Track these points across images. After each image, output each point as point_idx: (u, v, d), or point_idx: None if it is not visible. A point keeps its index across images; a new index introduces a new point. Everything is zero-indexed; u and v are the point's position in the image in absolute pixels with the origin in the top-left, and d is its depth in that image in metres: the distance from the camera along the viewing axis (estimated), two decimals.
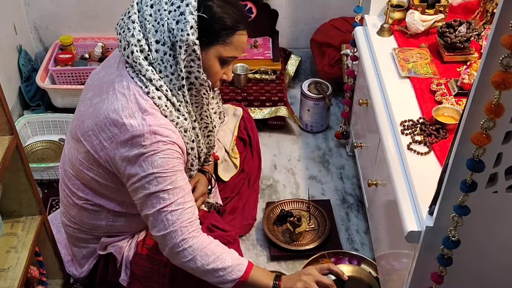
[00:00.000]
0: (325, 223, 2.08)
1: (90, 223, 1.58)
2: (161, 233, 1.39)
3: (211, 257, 1.41)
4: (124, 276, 1.60)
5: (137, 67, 1.36)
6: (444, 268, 1.24)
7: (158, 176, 1.36)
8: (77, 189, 1.54)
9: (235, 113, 2.03)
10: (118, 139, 1.35)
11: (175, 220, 1.38)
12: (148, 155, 1.34)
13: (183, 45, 1.32)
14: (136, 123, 1.34)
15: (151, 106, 1.36)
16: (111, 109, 1.36)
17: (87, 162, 1.46)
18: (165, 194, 1.37)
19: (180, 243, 1.39)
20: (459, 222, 1.15)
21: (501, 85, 0.93)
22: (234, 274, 1.42)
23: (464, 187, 1.10)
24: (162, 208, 1.37)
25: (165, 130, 1.36)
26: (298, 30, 2.84)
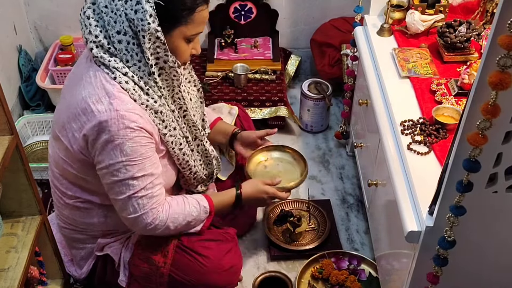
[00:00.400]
0: (325, 223, 2.08)
1: (83, 221, 1.59)
2: (131, 216, 1.44)
3: (180, 218, 1.51)
4: (123, 277, 1.60)
5: (101, 60, 1.37)
6: (439, 268, 1.24)
7: (127, 164, 1.37)
8: (66, 188, 1.55)
9: (230, 112, 2.04)
10: (86, 127, 1.36)
11: (145, 203, 1.43)
12: (117, 143, 1.35)
13: (146, 34, 1.32)
14: (103, 108, 1.34)
15: (119, 90, 1.36)
16: (79, 98, 1.37)
17: (68, 159, 1.47)
18: (134, 181, 1.40)
19: (151, 221, 1.45)
20: (455, 222, 1.15)
21: (498, 86, 0.93)
22: (203, 217, 1.56)
23: (460, 187, 1.10)
24: (132, 195, 1.41)
25: (132, 115, 1.35)
26: (298, 30, 2.84)
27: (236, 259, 1.65)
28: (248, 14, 2.72)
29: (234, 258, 1.63)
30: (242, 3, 2.69)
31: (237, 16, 2.73)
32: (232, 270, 1.62)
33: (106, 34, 1.36)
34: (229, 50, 2.73)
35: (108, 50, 1.36)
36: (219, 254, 1.59)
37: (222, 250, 1.61)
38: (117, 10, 1.33)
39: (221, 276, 1.59)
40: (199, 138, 1.66)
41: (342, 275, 1.87)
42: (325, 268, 1.90)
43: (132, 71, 1.38)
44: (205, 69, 2.64)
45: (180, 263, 1.57)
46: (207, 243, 1.60)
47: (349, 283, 1.85)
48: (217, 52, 2.72)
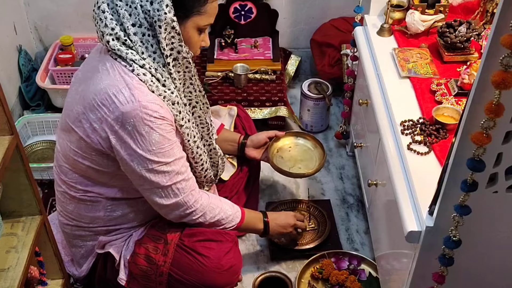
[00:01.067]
0: (325, 223, 2.08)
1: (88, 215, 1.59)
2: (173, 201, 1.50)
3: (216, 210, 1.60)
4: (123, 275, 1.61)
5: (117, 53, 1.38)
6: (445, 268, 1.24)
7: (158, 152, 1.40)
8: (75, 182, 1.55)
9: (229, 113, 2.04)
10: (108, 118, 1.37)
11: (184, 187, 1.49)
12: (144, 133, 1.37)
13: (162, 24, 1.35)
14: (125, 99, 1.35)
15: (137, 82, 1.38)
16: (98, 89, 1.38)
17: (80, 150, 1.47)
18: (168, 167, 1.44)
19: (193, 204, 1.53)
20: (460, 222, 1.16)
21: (501, 85, 0.93)
22: (233, 221, 1.65)
23: (465, 186, 1.10)
24: (170, 181, 1.45)
25: (154, 105, 1.37)
26: (298, 30, 2.84)
27: (236, 259, 1.65)
28: (248, 14, 2.72)
29: (234, 258, 1.63)
30: (242, 3, 2.69)
31: (237, 16, 2.73)
32: (231, 270, 1.62)
33: (121, 27, 1.37)
34: (229, 50, 2.73)
35: (124, 43, 1.38)
36: (219, 254, 1.59)
37: (222, 250, 1.61)
38: (132, 3, 1.35)
39: (220, 276, 1.59)
40: (205, 138, 1.67)
41: (342, 275, 1.87)
42: (325, 268, 1.90)
43: (148, 62, 1.39)
44: (205, 69, 2.64)
45: (180, 262, 1.57)
46: (208, 243, 1.60)
47: (349, 283, 1.85)
48: (217, 52, 2.72)
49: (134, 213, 1.61)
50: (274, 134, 1.95)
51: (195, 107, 1.60)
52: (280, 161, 1.96)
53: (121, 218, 1.60)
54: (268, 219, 1.76)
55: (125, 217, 1.60)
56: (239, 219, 1.66)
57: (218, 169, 1.77)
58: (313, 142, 2.01)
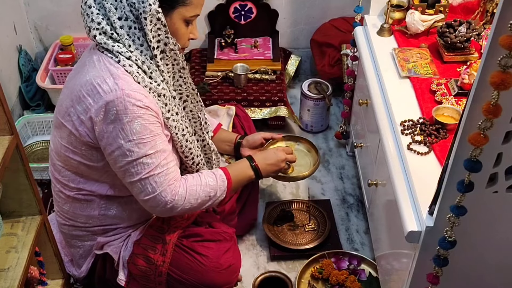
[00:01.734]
0: (325, 223, 2.08)
1: (83, 214, 1.59)
2: (150, 196, 1.44)
3: (198, 188, 1.51)
4: (122, 275, 1.61)
5: (104, 46, 1.39)
6: (440, 269, 1.24)
7: (138, 142, 1.38)
8: (68, 180, 1.55)
9: (228, 113, 2.04)
10: (92, 109, 1.37)
11: (162, 181, 1.44)
12: (125, 122, 1.36)
13: (147, 16, 1.35)
14: (108, 87, 1.36)
15: (123, 72, 1.38)
16: (83, 81, 1.39)
17: (71, 145, 1.47)
18: (148, 159, 1.41)
19: (171, 198, 1.46)
20: (455, 223, 1.15)
21: (500, 86, 0.93)
22: (222, 187, 1.56)
23: (461, 187, 1.10)
24: (148, 173, 1.42)
25: (138, 94, 1.37)
26: (298, 30, 2.84)
27: (235, 259, 1.65)
28: (248, 14, 2.72)
29: (233, 258, 1.64)
30: (242, 3, 2.69)
31: (237, 16, 2.73)
32: (230, 269, 1.62)
33: (108, 21, 1.38)
34: (229, 50, 2.73)
35: (111, 36, 1.39)
36: (218, 253, 1.60)
37: (221, 249, 1.61)
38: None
39: (219, 275, 1.59)
40: (198, 133, 1.67)
41: (342, 275, 1.87)
42: (325, 268, 1.90)
43: (135, 55, 1.40)
44: (205, 69, 2.64)
45: (178, 262, 1.57)
46: (206, 243, 1.61)
47: (349, 283, 1.85)
48: (217, 52, 2.72)
49: (128, 212, 1.60)
50: (270, 136, 1.92)
51: (186, 101, 1.60)
52: None
53: (116, 217, 1.60)
54: (256, 162, 1.69)
55: (119, 216, 1.60)
56: (225, 182, 1.57)
57: (213, 165, 1.76)
58: (308, 146, 1.99)
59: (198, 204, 1.53)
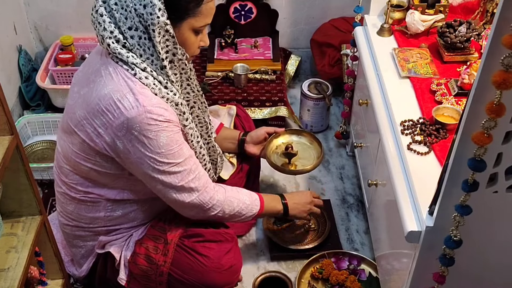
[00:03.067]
0: (325, 223, 2.08)
1: (88, 216, 1.59)
2: (188, 200, 1.50)
3: (234, 203, 1.59)
4: (123, 275, 1.61)
5: (119, 56, 1.38)
6: (446, 268, 1.24)
7: (167, 154, 1.41)
8: (76, 183, 1.55)
9: (229, 112, 2.04)
10: (113, 124, 1.37)
11: (197, 185, 1.49)
12: (151, 137, 1.37)
13: (156, 28, 1.34)
14: (130, 104, 1.35)
15: (141, 86, 1.38)
16: (102, 94, 1.38)
17: (83, 152, 1.47)
18: (180, 167, 1.44)
19: (209, 201, 1.53)
20: (460, 222, 1.16)
21: (502, 85, 0.93)
22: (253, 210, 1.65)
23: (466, 186, 1.10)
24: (183, 180, 1.45)
25: (159, 109, 1.38)
26: (298, 30, 2.84)
27: (236, 259, 1.65)
28: (248, 14, 2.72)
29: (234, 258, 1.64)
30: (242, 3, 2.69)
31: (237, 16, 2.73)
32: (231, 270, 1.62)
33: (119, 30, 1.37)
34: (229, 50, 2.73)
35: (124, 45, 1.38)
36: (219, 254, 1.60)
37: (222, 250, 1.61)
38: (127, 7, 1.34)
39: (220, 276, 1.59)
40: (203, 137, 1.68)
41: (342, 275, 1.87)
42: (325, 268, 1.90)
43: (148, 65, 1.40)
44: (205, 69, 2.64)
45: (180, 262, 1.58)
46: (207, 243, 1.61)
47: (349, 283, 1.85)
48: (217, 52, 2.72)
49: (135, 213, 1.61)
50: (274, 130, 1.95)
51: (193, 107, 1.60)
52: (277, 158, 1.96)
53: (122, 218, 1.60)
54: (286, 201, 1.76)
55: (125, 217, 1.60)
56: (258, 207, 1.65)
57: (217, 166, 1.77)
58: (311, 140, 2.01)
59: (229, 216, 1.60)
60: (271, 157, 1.93)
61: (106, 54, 1.43)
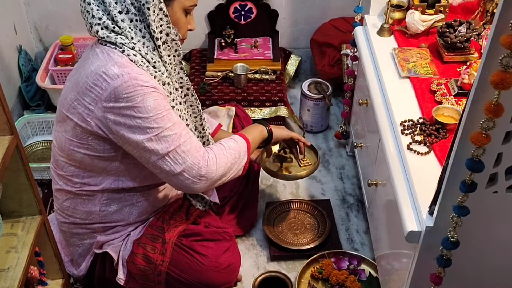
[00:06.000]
0: (325, 223, 2.08)
1: (84, 210, 1.59)
2: (182, 167, 1.44)
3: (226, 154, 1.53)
4: (121, 275, 1.61)
5: (107, 39, 1.40)
6: (443, 269, 1.24)
7: (156, 118, 1.39)
8: (72, 175, 1.55)
9: (228, 113, 2.04)
10: (102, 97, 1.37)
11: (189, 149, 1.45)
12: (138, 102, 1.36)
13: (150, 7, 1.37)
14: (115, 73, 1.36)
15: (127, 61, 1.39)
16: (88, 71, 1.40)
17: (76, 137, 1.47)
18: (169, 131, 1.41)
19: (204, 164, 1.47)
20: (458, 223, 1.15)
21: (500, 85, 0.93)
22: (244, 147, 1.59)
23: (464, 187, 1.10)
24: (173, 144, 1.42)
25: (144, 77, 1.38)
26: (298, 30, 2.84)
27: (234, 258, 1.65)
28: (248, 14, 2.72)
29: (232, 257, 1.64)
30: (242, 3, 2.69)
31: (237, 16, 2.73)
32: (230, 269, 1.62)
33: (108, 16, 1.39)
34: (229, 50, 2.73)
35: (113, 30, 1.39)
36: (217, 252, 1.60)
37: (220, 248, 1.61)
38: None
39: (218, 275, 1.59)
40: (198, 129, 1.66)
41: (342, 275, 1.87)
42: (325, 268, 1.90)
43: (138, 46, 1.41)
44: (205, 69, 2.64)
45: (178, 261, 1.58)
46: (205, 242, 1.61)
47: (349, 283, 1.85)
48: (217, 52, 2.72)
49: (129, 208, 1.60)
50: None
51: (187, 94, 1.60)
52: (271, 164, 1.92)
53: (117, 213, 1.59)
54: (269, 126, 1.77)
55: (120, 212, 1.60)
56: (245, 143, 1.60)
57: None
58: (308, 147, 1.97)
59: (228, 169, 1.53)
60: (265, 163, 1.91)
61: (95, 42, 1.45)
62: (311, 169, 1.90)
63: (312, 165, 1.91)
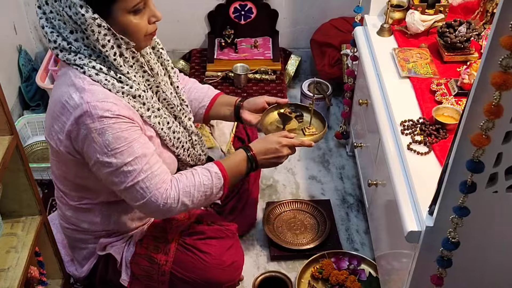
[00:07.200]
0: (325, 223, 2.08)
1: (86, 221, 1.59)
2: (141, 202, 1.41)
3: (191, 189, 1.45)
4: (125, 276, 1.61)
5: (67, 61, 1.36)
6: (444, 270, 1.24)
7: (114, 153, 1.35)
8: (68, 189, 1.55)
9: None
10: (66, 127, 1.35)
11: (148, 186, 1.40)
12: (97, 135, 1.33)
13: (87, 27, 1.29)
14: (75, 102, 1.32)
15: (89, 82, 1.34)
16: (54, 99, 1.38)
17: (60, 161, 1.47)
18: (129, 166, 1.37)
19: (163, 202, 1.42)
20: (458, 223, 1.15)
21: (502, 86, 0.93)
22: (218, 185, 1.49)
23: (464, 188, 1.10)
24: (132, 180, 1.38)
25: (105, 104, 1.33)
26: (298, 30, 2.84)
27: (238, 255, 1.65)
28: (248, 14, 2.72)
29: (236, 254, 1.64)
30: (242, 3, 2.69)
31: (237, 16, 2.73)
32: (234, 266, 1.62)
33: (62, 37, 1.34)
34: (229, 50, 2.73)
35: (70, 50, 1.35)
36: (221, 250, 1.60)
37: (223, 246, 1.61)
38: (58, 12, 1.32)
39: (222, 273, 1.59)
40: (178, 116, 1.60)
41: (342, 275, 1.87)
42: (325, 268, 1.90)
43: (98, 63, 1.36)
44: (205, 69, 2.64)
45: (181, 260, 1.58)
46: (209, 241, 1.61)
47: (349, 283, 1.85)
48: (217, 52, 2.72)
49: (130, 215, 1.60)
50: (275, 100, 1.74)
51: (158, 91, 1.52)
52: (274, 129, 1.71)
53: (118, 222, 1.60)
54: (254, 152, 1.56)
55: (121, 221, 1.60)
56: (221, 180, 1.49)
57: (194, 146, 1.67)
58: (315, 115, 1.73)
59: (194, 204, 1.48)
60: (268, 127, 1.71)
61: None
62: (316, 137, 1.66)
63: (320, 132, 1.68)
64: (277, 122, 1.71)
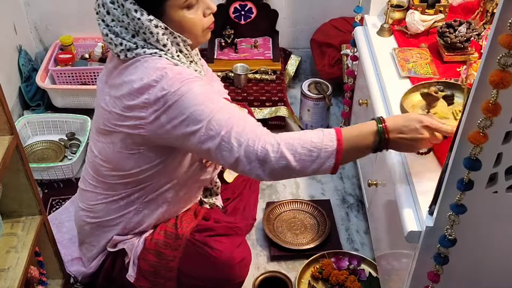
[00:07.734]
0: (325, 223, 2.08)
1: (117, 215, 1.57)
2: (241, 151, 1.27)
3: (295, 142, 1.26)
4: (132, 272, 1.60)
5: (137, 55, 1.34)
6: (440, 267, 1.24)
7: (205, 100, 1.28)
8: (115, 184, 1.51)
9: None
10: (150, 101, 1.30)
11: (242, 129, 1.28)
12: (186, 90, 1.28)
13: (146, 31, 1.31)
14: (157, 76, 1.29)
15: (166, 62, 1.33)
16: (131, 86, 1.32)
17: (126, 149, 1.42)
18: (221, 113, 1.29)
19: (261, 147, 1.26)
20: (455, 221, 1.15)
21: (500, 84, 0.93)
22: (328, 145, 1.25)
23: (461, 185, 1.10)
24: (227, 126, 1.27)
25: (185, 70, 1.32)
26: (298, 30, 2.84)
27: (247, 252, 1.65)
28: (248, 14, 2.72)
29: (244, 251, 1.63)
30: (242, 3, 2.69)
31: (237, 16, 2.73)
32: (243, 263, 1.61)
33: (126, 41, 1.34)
34: (229, 50, 2.73)
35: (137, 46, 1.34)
36: (231, 247, 1.59)
37: (234, 243, 1.61)
38: (118, 19, 1.32)
39: (232, 269, 1.58)
40: None
41: (342, 275, 1.87)
42: (325, 268, 1.90)
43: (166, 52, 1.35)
44: None
45: (191, 257, 1.57)
46: (219, 238, 1.60)
47: (349, 283, 1.85)
48: (217, 52, 2.72)
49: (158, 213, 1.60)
50: None
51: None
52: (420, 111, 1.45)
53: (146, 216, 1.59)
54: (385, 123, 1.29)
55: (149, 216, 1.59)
56: (334, 142, 1.26)
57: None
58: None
59: (296, 163, 1.26)
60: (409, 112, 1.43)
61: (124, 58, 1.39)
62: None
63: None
64: (422, 106, 1.45)
